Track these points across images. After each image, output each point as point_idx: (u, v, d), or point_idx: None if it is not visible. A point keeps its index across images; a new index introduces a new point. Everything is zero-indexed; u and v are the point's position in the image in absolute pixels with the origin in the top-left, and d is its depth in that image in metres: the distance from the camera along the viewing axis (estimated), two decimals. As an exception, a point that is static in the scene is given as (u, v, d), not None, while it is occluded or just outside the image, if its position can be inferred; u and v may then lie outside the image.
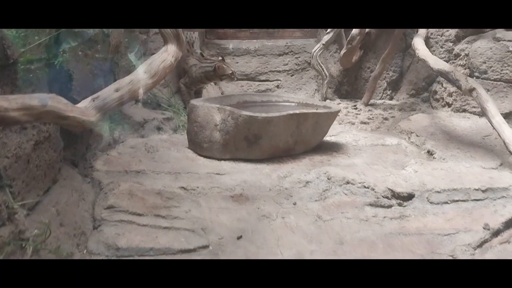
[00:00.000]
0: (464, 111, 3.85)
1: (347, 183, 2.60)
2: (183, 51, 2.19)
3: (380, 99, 4.36)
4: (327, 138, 3.47)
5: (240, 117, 2.96)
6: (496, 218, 2.32)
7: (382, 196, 2.51)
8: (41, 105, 1.40)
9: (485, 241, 2.20)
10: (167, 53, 2.04)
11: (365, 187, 2.57)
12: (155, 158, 2.95)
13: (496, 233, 2.25)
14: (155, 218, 2.25)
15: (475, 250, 2.14)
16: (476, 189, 2.51)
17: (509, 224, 2.29)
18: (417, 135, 3.52)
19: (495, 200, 2.46)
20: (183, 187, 2.53)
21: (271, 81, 4.65)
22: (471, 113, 3.81)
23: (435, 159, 3.11)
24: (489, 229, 2.25)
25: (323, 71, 4.25)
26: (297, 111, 3.11)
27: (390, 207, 2.48)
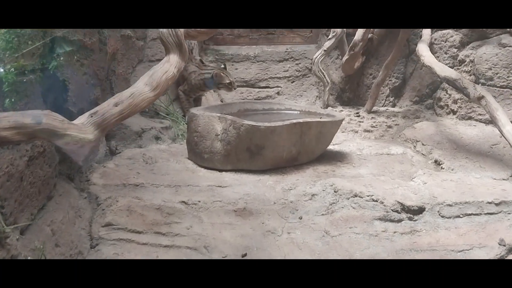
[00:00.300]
0: (469, 118, 3.76)
1: (355, 196, 2.51)
2: (186, 61, 2.07)
3: (382, 106, 4.28)
4: (331, 147, 3.38)
5: (242, 127, 2.87)
6: (511, 233, 2.23)
7: (391, 209, 2.42)
8: (35, 123, 1.29)
9: (501, 258, 2.11)
10: (169, 63, 1.92)
11: (373, 200, 2.47)
12: (154, 170, 2.84)
13: (512, 250, 2.16)
14: (155, 235, 2.16)
15: (492, 267, 2.05)
16: (489, 202, 2.43)
17: (525, 239, 2.20)
18: (423, 144, 3.43)
19: (510, 214, 2.38)
20: (183, 202, 2.43)
21: (271, 88, 4.56)
22: (477, 120, 3.72)
23: (443, 169, 3.03)
24: (505, 245, 2.17)
25: (325, 77, 4.16)
26: (301, 120, 3.02)
27: (400, 221, 2.39)
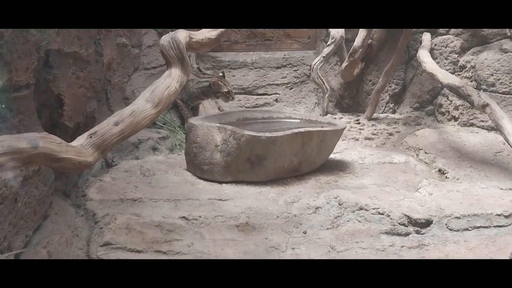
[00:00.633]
0: (471, 125, 3.71)
1: (360, 209, 2.44)
2: (188, 75, 1.99)
3: (383, 113, 4.21)
4: (332, 156, 3.31)
5: (242, 137, 2.79)
6: (522, 247, 2.18)
7: (398, 223, 2.36)
8: (31, 148, 1.21)
9: (513, 273, 2.05)
10: (171, 78, 1.83)
11: (379, 213, 2.41)
12: (152, 183, 2.76)
13: (524, 264, 2.10)
14: (156, 254, 2.07)
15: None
16: (498, 215, 2.37)
17: (537, 253, 2.14)
18: (425, 152, 3.37)
19: (520, 226, 2.32)
20: (184, 217, 2.34)
21: (269, 95, 4.48)
22: (479, 127, 3.67)
23: (448, 179, 2.97)
24: (516, 260, 2.10)
25: (324, 84, 4.09)
26: (302, 129, 2.95)
27: (407, 235, 2.33)
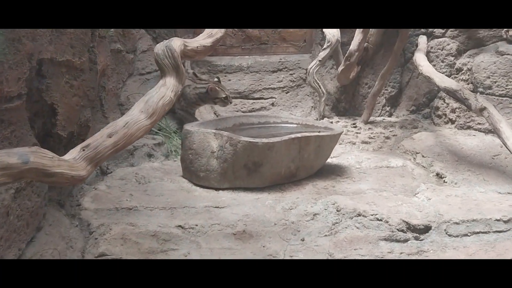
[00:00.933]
0: (468, 128, 3.71)
1: (359, 215, 2.41)
2: (183, 84, 1.96)
3: (379, 116, 4.19)
4: (329, 160, 3.29)
5: (239, 143, 2.77)
6: (522, 252, 2.16)
7: (397, 229, 2.33)
8: (21, 163, 1.18)
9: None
10: (165, 87, 1.80)
11: (378, 219, 2.38)
12: (148, 191, 2.73)
13: (524, 270, 2.08)
14: (152, 265, 2.03)
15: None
16: (497, 220, 2.34)
17: (537, 259, 2.12)
18: (423, 156, 3.35)
19: (519, 231, 2.30)
20: (180, 226, 2.31)
21: (265, 99, 4.45)
22: (476, 130, 3.67)
23: (446, 183, 2.95)
24: (516, 266, 2.08)
25: (320, 88, 4.07)
26: (299, 134, 2.93)
27: (406, 241, 2.31)
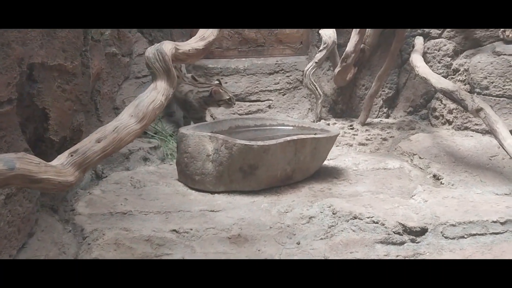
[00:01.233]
0: (466, 129, 3.69)
1: (354, 218, 2.39)
2: (174, 88, 1.95)
3: (376, 117, 4.18)
4: (326, 162, 3.27)
5: (234, 146, 2.76)
6: (519, 254, 2.14)
7: (393, 232, 2.31)
8: (7, 169, 1.16)
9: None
10: (156, 91, 1.78)
11: (374, 222, 2.36)
12: (143, 195, 2.71)
13: (521, 272, 2.06)
14: (146, 270, 2.02)
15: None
16: (494, 221, 2.32)
17: (534, 261, 2.10)
18: (420, 157, 3.33)
19: (516, 233, 2.28)
20: (174, 230, 2.30)
21: (262, 101, 4.44)
22: (473, 131, 3.65)
23: (443, 184, 2.93)
24: (513, 268, 2.06)
25: (317, 90, 4.06)
26: (295, 137, 2.92)
27: (402, 244, 2.29)
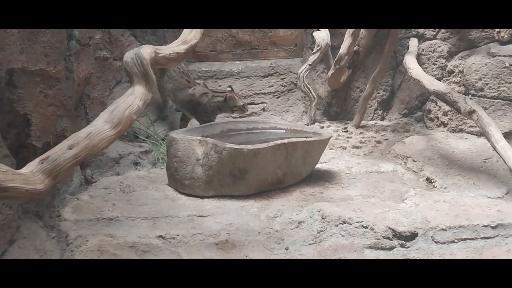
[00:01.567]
0: (461, 131, 3.65)
1: (344, 222, 2.37)
2: (153, 92, 1.92)
3: (371, 120, 4.14)
4: (319, 166, 3.24)
5: (224, 150, 2.73)
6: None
7: (382, 236, 2.29)
8: (-28, 178, 1.14)
9: None
10: (133, 96, 1.75)
11: (363, 226, 2.34)
12: (131, 200, 2.69)
13: None
14: (129, 277, 1.99)
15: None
16: (485, 226, 2.29)
17: (525, 266, 2.06)
18: (413, 160, 3.30)
19: (507, 237, 2.25)
20: (161, 236, 2.28)
21: (256, 104, 4.41)
22: (468, 133, 3.61)
23: (435, 188, 2.90)
24: (503, 273, 2.02)
25: (311, 92, 4.03)
26: (286, 140, 2.88)
27: (392, 249, 2.26)
